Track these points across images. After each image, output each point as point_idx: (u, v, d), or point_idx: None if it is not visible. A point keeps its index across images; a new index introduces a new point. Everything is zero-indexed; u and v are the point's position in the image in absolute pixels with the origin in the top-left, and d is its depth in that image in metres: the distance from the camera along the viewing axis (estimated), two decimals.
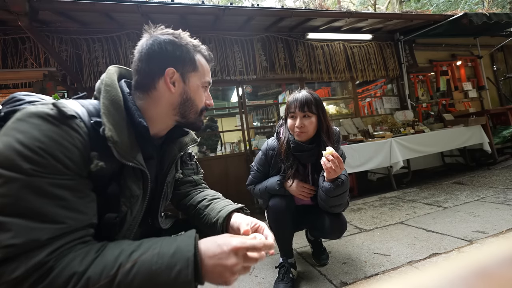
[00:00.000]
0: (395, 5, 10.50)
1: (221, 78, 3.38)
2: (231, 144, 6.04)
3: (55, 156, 0.47)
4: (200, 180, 0.98)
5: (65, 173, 0.48)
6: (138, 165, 0.61)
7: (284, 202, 1.32)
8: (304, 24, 3.59)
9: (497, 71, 5.34)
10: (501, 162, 3.85)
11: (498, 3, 10.26)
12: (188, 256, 0.48)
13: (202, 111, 0.75)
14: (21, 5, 2.01)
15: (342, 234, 1.38)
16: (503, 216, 1.91)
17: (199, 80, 0.71)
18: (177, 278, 0.47)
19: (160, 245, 0.50)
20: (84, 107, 0.58)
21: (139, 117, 0.63)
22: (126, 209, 0.62)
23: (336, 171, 1.11)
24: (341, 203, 1.25)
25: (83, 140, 0.52)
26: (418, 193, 2.98)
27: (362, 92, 5.48)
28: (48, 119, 0.49)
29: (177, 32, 0.70)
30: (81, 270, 0.44)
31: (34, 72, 2.29)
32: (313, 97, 1.28)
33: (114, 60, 2.97)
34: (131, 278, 0.45)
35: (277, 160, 1.38)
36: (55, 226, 0.45)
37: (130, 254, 0.48)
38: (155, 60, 0.66)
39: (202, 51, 0.73)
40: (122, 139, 0.58)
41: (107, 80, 0.63)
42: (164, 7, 2.73)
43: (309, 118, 1.26)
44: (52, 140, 0.48)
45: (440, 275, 0.15)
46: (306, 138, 1.30)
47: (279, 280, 1.38)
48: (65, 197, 0.47)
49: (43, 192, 0.45)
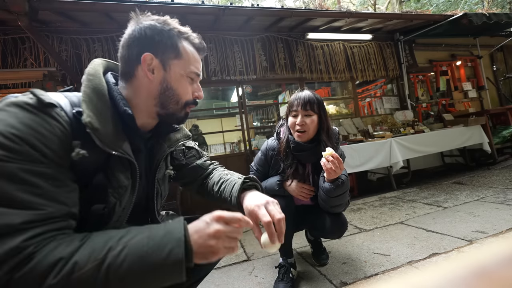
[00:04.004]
0: (395, 5, 10.50)
1: (221, 78, 3.37)
2: (231, 144, 6.05)
3: (31, 144, 0.46)
4: (205, 163, 0.96)
5: (41, 161, 0.47)
6: (124, 155, 0.60)
7: (283, 203, 1.32)
8: (304, 24, 3.58)
9: (496, 71, 5.34)
10: (500, 162, 3.85)
11: (498, 3, 10.27)
12: (179, 236, 0.49)
13: (187, 104, 0.70)
14: (21, 5, 2.00)
15: (342, 234, 1.38)
16: (503, 216, 1.91)
17: (184, 68, 0.67)
18: (168, 257, 0.47)
19: (149, 229, 0.50)
20: (67, 98, 0.57)
21: (124, 105, 0.62)
22: (115, 200, 0.60)
23: (336, 172, 1.12)
24: (341, 203, 1.25)
25: (63, 129, 0.51)
26: (418, 193, 2.98)
27: (362, 92, 5.48)
28: (26, 108, 0.48)
29: (162, 18, 0.67)
30: (67, 255, 0.43)
31: (34, 72, 2.29)
32: (315, 97, 1.29)
33: (114, 60, 2.97)
34: (121, 260, 0.44)
35: (277, 159, 1.38)
36: (27, 212, 0.43)
37: (119, 239, 0.47)
38: (134, 46, 0.64)
39: (191, 39, 0.69)
40: (105, 128, 0.56)
41: (90, 70, 0.62)
42: (164, 7, 2.73)
43: (311, 116, 1.27)
44: (29, 127, 0.46)
45: (440, 275, 0.15)
46: (306, 139, 1.30)
47: (279, 280, 1.38)
48: (39, 185, 0.45)
49: (14, 178, 0.43)
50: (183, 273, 0.48)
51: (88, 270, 0.42)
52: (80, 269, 0.42)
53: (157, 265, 0.46)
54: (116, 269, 0.44)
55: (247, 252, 1.93)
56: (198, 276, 0.90)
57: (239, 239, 0.56)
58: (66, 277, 0.41)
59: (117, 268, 0.44)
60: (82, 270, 0.42)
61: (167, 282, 0.49)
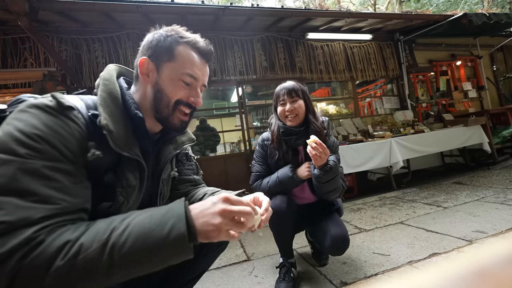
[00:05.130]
0: (395, 5, 10.50)
1: (221, 78, 3.38)
2: (231, 144, 6.04)
3: (52, 144, 0.49)
4: (200, 180, 0.99)
5: (61, 160, 0.49)
6: (134, 156, 0.63)
7: (284, 204, 1.32)
8: (304, 24, 3.58)
9: (496, 71, 5.35)
10: (500, 162, 3.85)
11: (498, 3, 10.27)
12: (179, 212, 0.50)
13: (177, 104, 0.68)
14: (21, 5, 2.00)
15: (344, 252, 1.33)
16: (503, 216, 1.91)
17: (177, 71, 0.66)
18: (171, 233, 0.48)
19: (151, 210, 0.52)
20: (83, 101, 0.61)
21: (135, 109, 0.65)
22: (123, 199, 0.63)
23: (322, 157, 1.16)
24: (334, 188, 1.26)
25: (80, 130, 0.54)
26: (418, 193, 2.98)
27: (362, 92, 5.47)
28: (47, 110, 0.51)
29: (171, 27, 0.70)
30: (73, 238, 0.44)
31: (33, 72, 2.29)
32: (298, 85, 1.39)
33: (114, 60, 2.97)
34: (124, 239, 0.46)
35: (272, 149, 1.42)
36: (47, 206, 0.45)
37: (122, 220, 0.49)
38: (140, 53, 0.70)
39: (192, 43, 0.68)
40: (118, 130, 0.59)
41: (106, 75, 0.66)
42: (164, 7, 2.73)
43: (297, 101, 1.35)
44: (50, 128, 0.50)
45: (440, 275, 0.15)
46: (298, 122, 1.36)
47: (280, 280, 1.38)
48: (59, 180, 0.48)
49: (37, 173, 0.46)
50: (188, 248, 0.49)
51: (93, 250, 0.44)
52: (86, 250, 0.44)
53: (160, 241, 0.47)
54: (120, 248, 0.45)
55: (247, 252, 1.93)
56: (196, 273, 0.91)
57: (244, 226, 0.56)
58: (73, 258, 0.43)
59: (121, 246, 0.45)
60: (88, 250, 0.44)
61: (173, 259, 0.49)
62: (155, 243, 0.47)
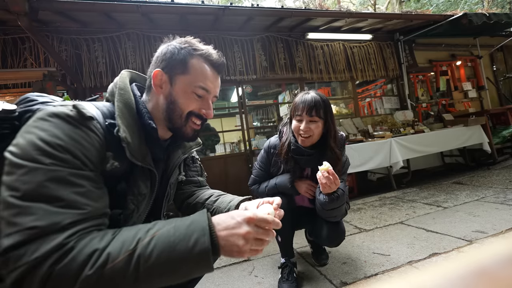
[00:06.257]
0: (395, 5, 10.50)
1: (221, 78, 3.37)
2: (231, 144, 6.04)
3: (73, 153, 0.50)
4: (204, 181, 1.00)
5: (82, 168, 0.51)
6: (147, 166, 0.64)
7: (285, 202, 1.32)
8: (304, 24, 3.58)
9: (496, 71, 5.35)
10: (500, 162, 3.85)
11: (498, 3, 10.27)
12: (203, 225, 0.51)
13: (190, 115, 0.69)
14: (21, 5, 2.00)
15: (339, 243, 1.35)
16: (503, 216, 1.91)
17: (190, 84, 0.67)
18: (195, 246, 0.48)
19: (175, 221, 0.53)
20: (99, 109, 0.62)
21: (149, 119, 0.66)
22: (134, 207, 0.64)
23: (331, 187, 1.09)
24: (337, 215, 1.23)
25: (100, 140, 0.56)
26: (418, 193, 2.98)
27: (362, 92, 5.47)
28: (68, 120, 0.52)
29: (185, 38, 0.71)
30: (101, 247, 0.45)
31: (33, 72, 2.29)
32: (322, 100, 1.22)
33: (114, 60, 2.96)
34: (150, 251, 0.47)
35: (277, 160, 1.37)
36: (75, 211, 0.47)
37: (147, 231, 0.50)
38: (153, 64, 0.71)
39: (205, 55, 0.69)
40: (134, 140, 0.61)
41: (121, 84, 0.67)
42: (164, 7, 2.73)
43: (316, 123, 1.20)
44: (72, 139, 0.51)
45: (440, 275, 0.15)
46: (310, 144, 1.25)
47: (283, 280, 1.37)
48: (84, 185, 0.50)
49: (63, 180, 0.47)
50: (210, 262, 0.49)
51: (120, 260, 0.45)
52: (113, 260, 0.45)
53: (185, 254, 0.48)
54: (146, 260, 0.46)
55: None
56: None
57: (267, 241, 0.57)
58: (101, 268, 0.43)
59: (147, 258, 0.46)
60: (115, 261, 0.45)
61: (195, 272, 0.50)
62: (180, 256, 0.48)
